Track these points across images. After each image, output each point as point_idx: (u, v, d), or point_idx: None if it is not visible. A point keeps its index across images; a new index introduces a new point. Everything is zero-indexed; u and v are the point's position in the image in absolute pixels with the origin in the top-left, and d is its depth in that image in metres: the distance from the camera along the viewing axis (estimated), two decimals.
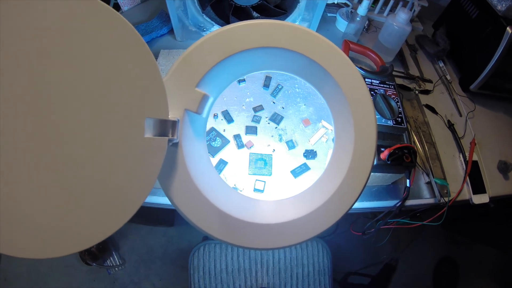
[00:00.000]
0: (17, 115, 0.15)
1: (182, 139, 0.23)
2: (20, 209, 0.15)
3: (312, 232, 0.25)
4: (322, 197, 0.26)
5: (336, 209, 0.26)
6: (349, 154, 0.25)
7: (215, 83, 0.25)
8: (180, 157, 0.23)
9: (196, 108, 0.23)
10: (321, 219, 0.25)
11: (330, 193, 0.25)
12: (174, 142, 0.22)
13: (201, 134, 0.27)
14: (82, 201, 0.17)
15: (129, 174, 0.18)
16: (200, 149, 0.27)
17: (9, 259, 1.08)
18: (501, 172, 0.60)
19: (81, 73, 0.16)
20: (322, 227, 0.26)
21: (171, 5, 0.57)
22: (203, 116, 0.26)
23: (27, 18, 0.14)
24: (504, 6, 0.59)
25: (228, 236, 0.25)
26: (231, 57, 0.23)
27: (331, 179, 0.27)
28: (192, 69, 0.23)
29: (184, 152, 0.23)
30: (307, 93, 0.57)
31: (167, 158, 0.22)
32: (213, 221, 0.24)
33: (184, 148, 0.23)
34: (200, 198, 0.24)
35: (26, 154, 0.15)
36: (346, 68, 0.25)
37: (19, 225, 0.16)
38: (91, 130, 0.17)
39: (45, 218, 0.16)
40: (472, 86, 0.67)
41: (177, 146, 0.23)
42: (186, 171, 0.23)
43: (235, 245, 0.26)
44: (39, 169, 0.16)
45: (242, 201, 0.28)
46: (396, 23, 0.62)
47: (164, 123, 0.20)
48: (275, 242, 0.25)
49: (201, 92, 0.23)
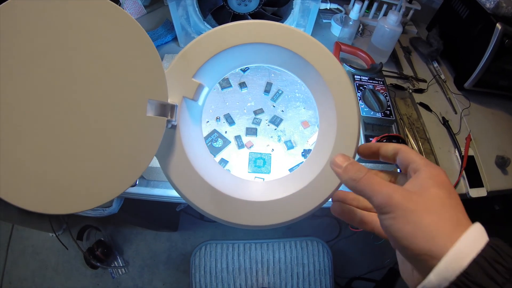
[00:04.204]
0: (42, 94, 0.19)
1: (180, 122, 0.26)
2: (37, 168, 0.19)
3: (303, 210, 0.27)
4: (309, 176, 0.27)
5: (324, 188, 0.27)
6: (332, 135, 0.27)
7: (209, 75, 0.28)
8: (178, 138, 0.26)
9: (193, 95, 0.26)
10: (310, 197, 0.27)
11: (317, 172, 0.27)
12: (172, 124, 0.25)
13: (197, 120, 0.30)
14: (93, 164, 0.21)
15: (132, 145, 0.22)
16: (197, 133, 0.30)
17: (15, 263, 1.10)
18: (499, 167, 0.60)
19: (96, 62, 0.21)
20: (312, 205, 0.27)
21: (175, 14, 0.61)
22: (199, 104, 0.29)
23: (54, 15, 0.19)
24: (493, 4, 0.61)
25: (220, 212, 0.27)
26: (223, 52, 0.27)
27: (318, 160, 0.28)
28: (189, 62, 0.26)
29: (181, 134, 0.26)
30: (307, 98, 0.59)
31: (166, 139, 0.25)
32: (206, 197, 0.26)
33: (181, 131, 0.26)
34: (195, 176, 0.26)
35: (48, 123, 0.19)
36: (324, 56, 0.27)
37: (35, 182, 0.19)
38: (103, 107, 0.21)
39: (58, 177, 0.20)
40: (467, 84, 0.68)
41: (175, 129, 0.26)
42: (182, 150, 0.26)
43: (226, 221, 0.27)
44: (56, 136, 0.20)
45: (234, 181, 0.30)
46: (387, 25, 0.64)
47: (164, 106, 0.23)
48: (267, 219, 0.27)
49: (196, 82, 0.26)
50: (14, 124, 0.18)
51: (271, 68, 0.63)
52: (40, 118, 0.19)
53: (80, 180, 0.20)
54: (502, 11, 0.61)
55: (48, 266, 1.11)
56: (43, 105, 0.19)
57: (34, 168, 0.19)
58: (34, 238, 1.15)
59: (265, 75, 0.61)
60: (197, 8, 0.62)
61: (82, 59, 0.20)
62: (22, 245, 1.14)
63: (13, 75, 0.18)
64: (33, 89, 0.19)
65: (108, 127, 0.21)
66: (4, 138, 0.18)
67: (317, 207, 0.27)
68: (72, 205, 0.20)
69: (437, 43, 0.73)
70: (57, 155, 0.19)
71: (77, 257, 1.12)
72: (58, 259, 1.12)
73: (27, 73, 0.18)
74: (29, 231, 1.14)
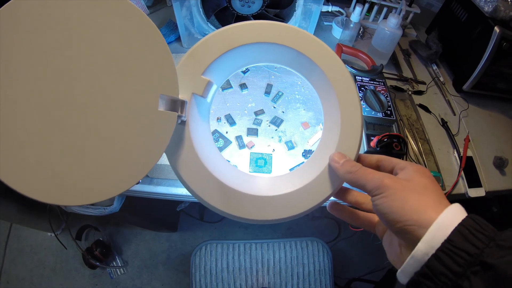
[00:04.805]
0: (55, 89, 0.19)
1: (189, 118, 0.26)
2: (48, 163, 0.19)
3: (309, 204, 0.27)
4: (315, 172, 0.28)
5: (329, 183, 0.27)
6: (336, 132, 0.28)
7: (218, 72, 0.29)
8: (187, 134, 0.26)
9: (202, 92, 0.27)
10: (316, 192, 0.27)
11: (322, 167, 0.27)
12: (182, 120, 0.25)
13: (205, 116, 0.31)
14: (102, 158, 0.21)
15: (143, 140, 0.22)
16: (205, 129, 0.31)
17: (12, 262, 1.10)
18: (497, 167, 0.61)
19: (107, 57, 0.21)
20: (318, 199, 0.27)
21: (179, 15, 0.62)
22: (207, 101, 0.29)
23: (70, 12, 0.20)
24: (491, 7, 0.63)
25: (229, 207, 0.27)
26: (231, 51, 0.28)
27: (323, 156, 0.28)
28: (198, 60, 0.27)
29: (190, 130, 0.26)
30: (306, 99, 0.59)
31: (176, 135, 0.26)
32: (215, 193, 0.27)
33: (190, 127, 0.27)
34: (204, 171, 0.27)
35: (57, 119, 0.20)
36: (328, 56, 0.28)
37: (43, 173, 0.19)
38: (114, 102, 0.21)
39: (67, 169, 0.20)
40: (465, 86, 0.69)
41: (185, 124, 0.26)
42: (191, 146, 0.26)
43: (235, 216, 0.27)
44: (65, 131, 0.20)
45: (241, 176, 0.31)
46: (387, 27, 0.65)
47: (175, 101, 0.24)
48: (275, 213, 0.27)
49: (206, 79, 0.27)
50: (27, 117, 0.18)
51: (271, 70, 0.64)
52: (52, 110, 0.19)
53: (88, 173, 0.20)
54: (500, 14, 0.63)
55: (46, 265, 1.11)
56: (56, 99, 0.19)
57: (42, 159, 0.19)
58: (32, 237, 1.14)
59: (265, 77, 0.62)
60: (201, 9, 0.62)
61: (94, 54, 0.20)
62: (20, 245, 1.13)
63: (28, 70, 0.18)
64: (46, 83, 0.19)
65: (119, 121, 0.21)
66: (16, 131, 0.18)
67: (323, 202, 0.28)
68: (78, 197, 0.20)
69: (436, 46, 0.74)
70: (66, 147, 0.20)
71: (75, 257, 1.11)
72: (56, 259, 1.12)
73: (41, 68, 0.19)
74: (27, 230, 1.13)
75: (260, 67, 0.63)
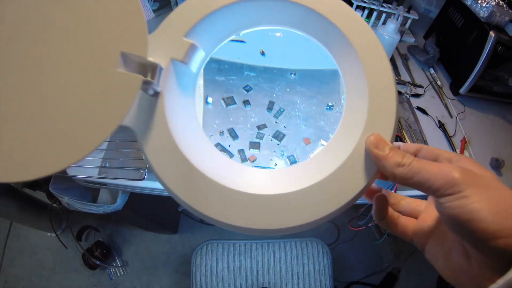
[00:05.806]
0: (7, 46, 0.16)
1: (166, 90, 0.21)
2: None
3: (333, 205, 0.20)
4: (334, 163, 0.21)
5: (356, 177, 0.20)
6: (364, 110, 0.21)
7: (206, 36, 0.23)
8: (160, 108, 0.21)
9: (183, 57, 0.21)
10: (342, 188, 0.20)
11: (345, 157, 0.20)
12: (156, 91, 0.21)
13: (189, 89, 0.25)
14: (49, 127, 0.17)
15: (96, 107, 0.18)
16: (187, 106, 0.24)
17: (12, 261, 1.10)
18: (494, 168, 0.62)
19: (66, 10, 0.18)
20: (344, 197, 0.20)
21: None
22: (192, 70, 0.23)
23: None
24: (486, 13, 0.65)
25: (212, 209, 0.20)
26: (222, 8, 0.22)
27: (345, 141, 0.21)
28: (181, 21, 0.22)
29: (165, 103, 0.21)
30: (307, 116, 0.60)
31: (146, 109, 0.21)
32: (193, 187, 0.20)
33: (166, 99, 0.21)
34: (178, 156, 0.21)
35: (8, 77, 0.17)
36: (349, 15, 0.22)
37: None
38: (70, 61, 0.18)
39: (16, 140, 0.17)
40: (462, 90, 0.71)
41: (159, 96, 0.21)
42: (165, 123, 0.21)
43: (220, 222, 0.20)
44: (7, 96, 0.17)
45: (233, 168, 0.24)
46: (386, 33, 0.67)
47: (143, 64, 0.19)
48: (277, 219, 0.20)
49: (188, 41, 0.22)
50: None
51: (273, 90, 0.63)
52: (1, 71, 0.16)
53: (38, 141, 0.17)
54: (496, 20, 0.65)
55: (45, 266, 1.10)
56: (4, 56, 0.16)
57: None
58: (32, 237, 1.14)
59: (267, 95, 0.62)
60: None
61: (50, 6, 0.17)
62: (19, 244, 1.13)
63: None
64: None
65: (74, 82, 0.18)
66: None
67: (351, 202, 0.20)
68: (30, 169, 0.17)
69: (434, 51, 0.76)
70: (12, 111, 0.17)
71: (75, 258, 1.11)
72: (55, 259, 1.12)
73: None
74: (27, 230, 1.13)
75: (262, 87, 0.63)
